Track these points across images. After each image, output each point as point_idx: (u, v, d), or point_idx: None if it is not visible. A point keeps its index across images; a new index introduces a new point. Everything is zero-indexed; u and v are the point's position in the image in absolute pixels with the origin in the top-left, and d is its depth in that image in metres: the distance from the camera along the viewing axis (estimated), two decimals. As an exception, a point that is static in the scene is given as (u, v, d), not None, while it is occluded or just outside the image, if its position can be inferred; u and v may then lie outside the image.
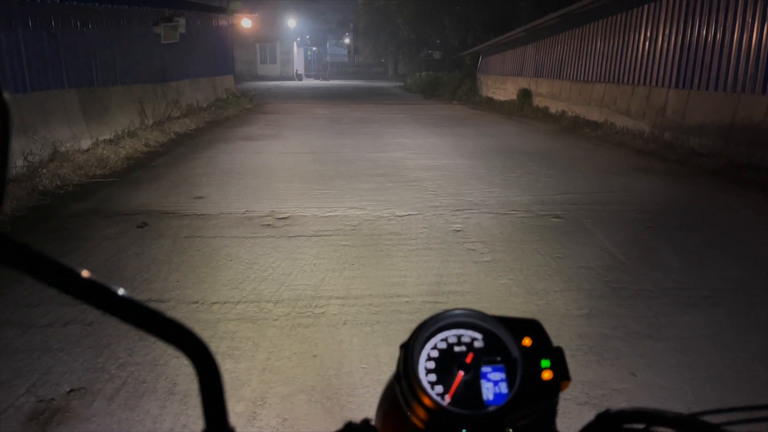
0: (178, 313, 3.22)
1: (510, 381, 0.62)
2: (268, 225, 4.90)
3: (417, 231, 4.75)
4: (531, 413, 0.60)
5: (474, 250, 4.31)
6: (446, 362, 0.64)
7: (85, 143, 8.13)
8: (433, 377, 0.63)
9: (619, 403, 2.49)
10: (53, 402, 2.42)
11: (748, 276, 3.88)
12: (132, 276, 3.77)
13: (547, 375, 0.61)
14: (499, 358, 0.64)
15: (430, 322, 0.66)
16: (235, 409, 2.38)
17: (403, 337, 0.67)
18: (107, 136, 8.72)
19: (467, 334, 0.66)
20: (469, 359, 0.63)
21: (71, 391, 2.50)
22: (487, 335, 0.66)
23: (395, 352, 0.65)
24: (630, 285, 3.71)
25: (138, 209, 5.38)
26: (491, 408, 0.60)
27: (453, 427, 0.59)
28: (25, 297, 3.43)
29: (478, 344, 0.65)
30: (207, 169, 7.29)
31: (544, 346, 0.64)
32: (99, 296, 0.39)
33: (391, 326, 3.06)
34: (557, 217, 5.20)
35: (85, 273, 0.36)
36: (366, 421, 0.57)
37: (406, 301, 3.38)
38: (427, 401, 0.59)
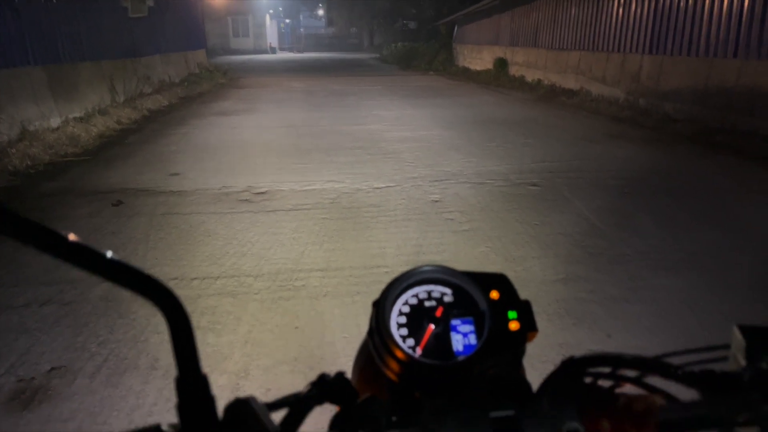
0: (158, 290, 3.21)
1: (478, 333, 0.64)
2: (246, 200, 4.87)
3: (395, 203, 4.76)
4: (499, 362, 0.62)
5: (452, 219, 4.34)
6: (417, 317, 0.65)
7: (55, 122, 7.94)
8: (404, 331, 0.64)
9: (595, 364, 2.56)
10: (34, 381, 2.41)
11: (723, 239, 3.97)
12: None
13: (514, 326, 0.63)
14: (466, 311, 0.65)
15: (401, 279, 0.67)
16: (218, 382, 2.39)
17: None
18: (77, 114, 8.53)
19: (437, 290, 0.68)
20: (438, 313, 0.65)
21: (52, 369, 2.48)
22: (456, 290, 0.68)
23: (375, 320, 0.67)
24: (607, 250, 3.78)
25: (112, 187, 5.30)
26: (461, 358, 0.61)
27: (425, 378, 0.61)
28: (1, 277, 3.38)
29: (447, 299, 0.67)
30: (182, 146, 7.18)
31: (511, 298, 0.66)
32: (67, 251, 0.38)
33: (371, 296, 3.04)
34: (535, 185, 5.24)
35: (53, 230, 0.36)
36: (340, 374, 0.58)
37: (386, 272, 3.40)
38: (399, 354, 0.61)
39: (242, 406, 0.45)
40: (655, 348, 2.30)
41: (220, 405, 0.46)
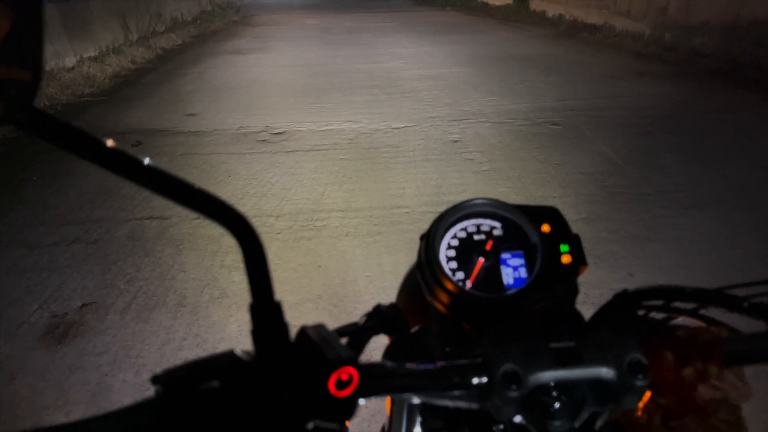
0: (182, 229, 3.25)
1: (529, 266, 0.63)
2: (264, 140, 4.85)
3: (414, 143, 4.71)
4: (550, 296, 0.61)
5: (472, 160, 4.30)
6: (467, 250, 0.65)
7: (70, 61, 7.88)
8: (454, 265, 0.64)
9: (616, 302, 2.57)
10: (67, 317, 2.49)
11: (746, 177, 3.90)
12: (131, 194, 3.76)
13: (566, 259, 0.62)
14: (518, 244, 0.65)
15: (450, 213, 0.67)
16: (246, 319, 2.44)
17: (405, 246, 0.68)
18: (91, 54, 8.45)
19: (486, 223, 0.67)
20: (488, 246, 0.64)
21: (83, 306, 2.56)
22: (507, 223, 0.67)
23: (398, 261, 0.67)
24: (628, 189, 3.74)
25: (130, 128, 5.30)
26: (511, 291, 0.61)
27: (475, 310, 0.61)
28: (27, 218, 3.44)
29: (497, 232, 0.66)
30: (197, 85, 7.12)
31: (562, 232, 0.65)
32: (140, 173, 0.38)
33: (392, 236, 3.10)
34: (555, 124, 5.15)
35: (110, 143, 0.36)
36: (393, 305, 0.59)
37: (406, 212, 3.41)
38: (449, 286, 0.60)
39: (312, 332, 0.46)
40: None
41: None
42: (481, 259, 0.63)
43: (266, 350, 0.43)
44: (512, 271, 0.63)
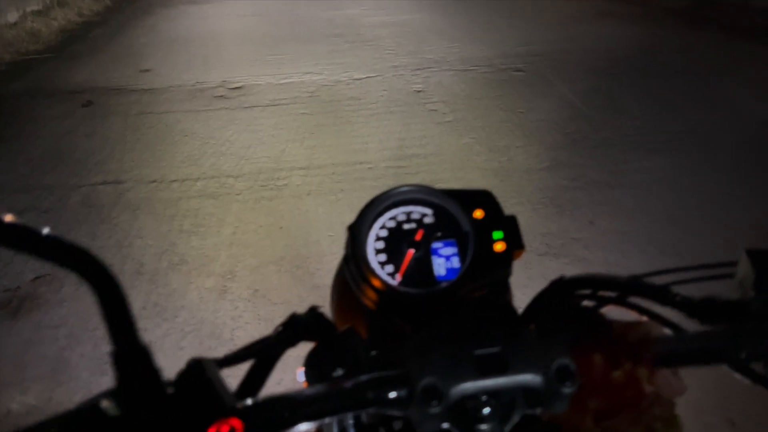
0: (138, 194, 3.16)
1: (462, 255, 0.60)
2: (222, 96, 4.69)
3: (377, 94, 4.61)
4: (484, 285, 0.59)
5: (436, 110, 4.23)
6: (396, 241, 0.61)
7: (12, 16, 7.45)
8: (383, 257, 0.60)
9: (576, 251, 2.60)
10: (20, 290, 2.42)
11: (707, 119, 3.93)
12: (84, 158, 3.63)
13: (499, 246, 0.59)
14: (449, 233, 0.62)
15: (377, 201, 0.63)
16: (206, 285, 2.42)
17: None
18: (35, 7, 7.99)
19: (417, 211, 0.63)
20: (419, 236, 0.61)
21: (36, 278, 2.48)
22: (438, 210, 0.63)
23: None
24: (591, 135, 3.73)
25: (81, 86, 5.06)
26: (443, 284, 0.58)
27: (405, 306, 0.58)
28: (-27, 188, 3.30)
29: (428, 220, 0.63)
30: (150, 39, 6.81)
31: (496, 216, 0.61)
32: None
33: (355, 193, 3.06)
34: (519, 70, 5.08)
35: None
36: (312, 309, 0.55)
37: (369, 168, 3.36)
38: (376, 282, 0.57)
39: (195, 372, 0.42)
40: (638, 232, 2.30)
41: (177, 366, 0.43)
42: (411, 251, 0.60)
43: (134, 403, 0.39)
44: (444, 261, 0.60)
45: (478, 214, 0.61)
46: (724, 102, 4.26)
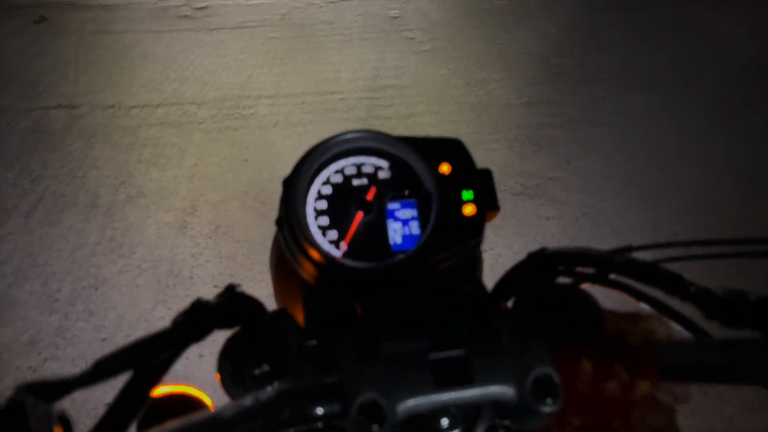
0: (94, 120, 2.96)
1: (423, 219, 0.49)
2: (186, 16, 4.38)
3: (351, 19, 4.35)
4: (450, 257, 0.48)
5: (413, 39, 4.02)
6: (342, 200, 0.50)
7: None
8: (324, 220, 0.49)
9: (552, 191, 2.53)
10: (-36, 223, 2.27)
11: (691, 54, 3.80)
12: (36, 79, 3.38)
13: (469, 210, 0.48)
14: (408, 192, 0.51)
15: (320, 149, 0.51)
16: (165, 219, 2.30)
17: None
18: None
19: (369, 163, 0.51)
20: (370, 195, 0.50)
21: (-18, 210, 2.33)
22: (395, 163, 0.51)
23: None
24: (572, 70, 3.59)
25: (32, 1, 4.68)
26: (399, 256, 0.47)
27: (350, 283, 0.47)
28: None
29: (383, 175, 0.51)
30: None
31: (466, 172, 0.50)
32: None
33: (325, 125, 2.91)
34: (502, -2, 4.84)
35: None
36: (231, 288, 0.45)
37: (341, 98, 3.19)
38: (314, 254, 0.46)
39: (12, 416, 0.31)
40: (615, 173, 2.21)
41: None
42: (360, 213, 0.49)
43: None
44: (401, 226, 0.49)
45: (445, 168, 0.50)
46: (709, 37, 4.12)
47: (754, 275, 2.10)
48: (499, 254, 2.24)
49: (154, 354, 0.38)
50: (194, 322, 0.40)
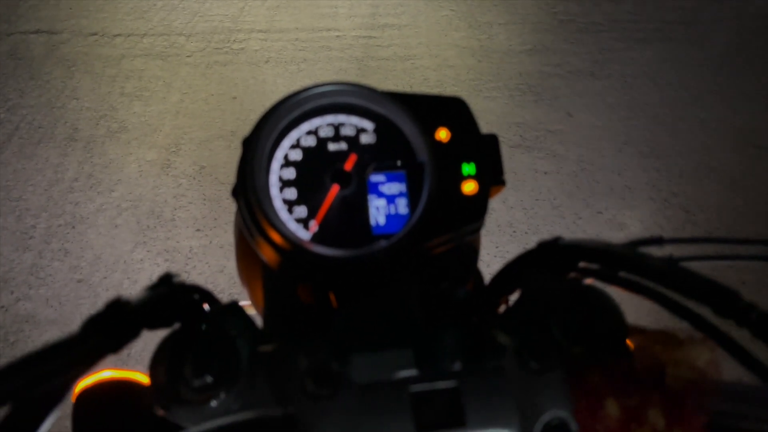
0: (74, 47, 2.80)
1: (413, 197, 0.40)
2: (176, -60, 4.14)
3: (352, -50, 4.13)
4: (443, 243, 0.40)
5: (415, -25, 3.82)
6: (314, 169, 0.40)
7: None
8: (291, 193, 0.40)
9: (551, 145, 2.45)
10: (-65, 151, 2.16)
11: (701, 6, 3.64)
12: (16, 1, 3.19)
13: (469, 187, 0.40)
14: (396, 162, 0.41)
15: (290, 103, 0.41)
16: (147, 157, 2.20)
17: (333, 78, 0.44)
18: None
19: (350, 123, 0.42)
20: (349, 164, 0.41)
21: (-46, 139, 2.22)
22: (382, 125, 0.42)
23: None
24: (579, 17, 3.43)
25: None
26: (381, 242, 0.38)
27: (320, 274, 0.38)
28: None
29: (366, 139, 0.41)
30: None
31: (468, 140, 0.41)
32: None
33: (318, 64, 2.77)
34: (511, -64, 4.59)
35: None
36: (167, 278, 0.36)
37: (337, 36, 3.03)
38: (275, 236, 0.37)
39: None
40: (616, 128, 2.09)
41: None
42: (336, 186, 0.40)
43: None
44: (385, 204, 0.40)
45: (443, 134, 0.41)
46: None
47: None
48: (493, 209, 2.17)
49: (45, 378, 0.27)
50: (110, 328, 0.30)
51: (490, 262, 1.99)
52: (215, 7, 3.26)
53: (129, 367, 0.45)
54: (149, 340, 0.33)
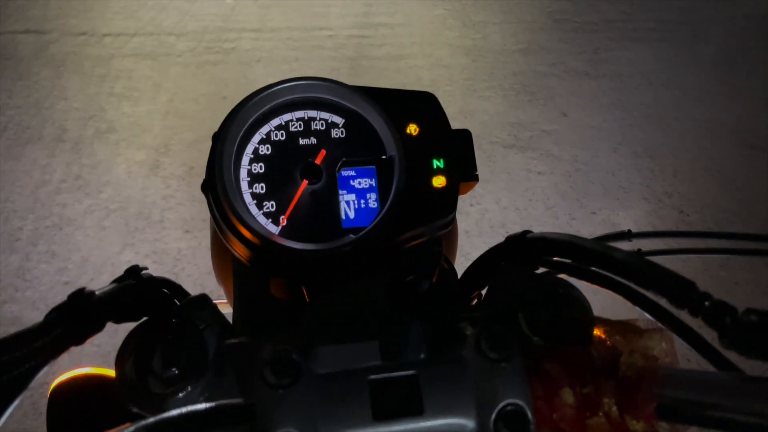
0: (63, 46, 2.77)
1: (382, 191, 0.40)
2: (168, -62, 4.11)
3: (345, -51, 4.11)
4: (413, 238, 0.40)
5: (409, -27, 3.80)
6: (283, 164, 0.40)
7: None
8: (260, 188, 0.40)
9: (545, 145, 2.43)
10: None
11: (697, 6, 3.63)
12: (4, 1, 3.16)
13: (439, 180, 0.39)
14: (366, 156, 0.41)
15: (260, 98, 0.41)
16: (136, 158, 2.18)
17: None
18: None
19: (320, 118, 0.41)
20: (319, 158, 0.41)
21: (-60, 140, 2.19)
22: (352, 120, 0.41)
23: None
24: (574, 17, 3.42)
25: None
26: (350, 236, 0.38)
27: (290, 267, 0.39)
28: None
29: (336, 134, 0.41)
30: None
31: (438, 135, 0.41)
32: None
33: (311, 64, 2.75)
34: (505, -65, 4.58)
35: None
36: (134, 270, 0.36)
37: (329, 35, 3.01)
38: (244, 231, 0.37)
39: None
40: (611, 128, 2.08)
41: None
42: (305, 181, 0.40)
43: None
44: (355, 198, 0.40)
45: (413, 129, 0.41)
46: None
47: None
48: (485, 209, 2.16)
49: (6, 368, 0.29)
50: (73, 318, 0.31)
51: (483, 264, 1.97)
52: (206, 6, 3.23)
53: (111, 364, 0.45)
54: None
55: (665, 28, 3.37)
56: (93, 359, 0.70)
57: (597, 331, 0.33)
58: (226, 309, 0.43)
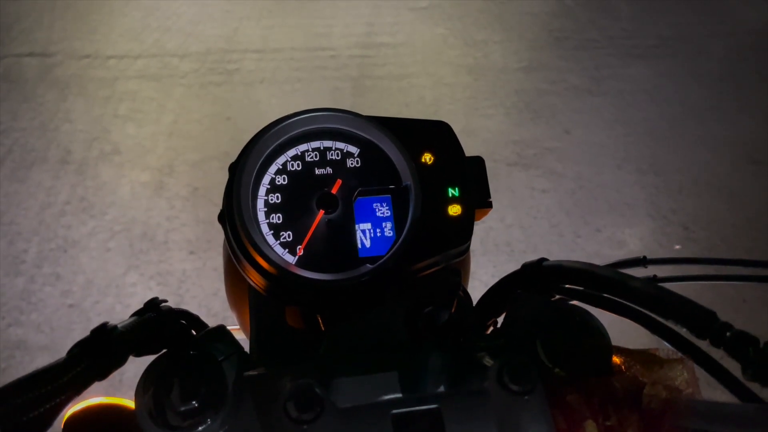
0: (68, 70, 2.80)
1: (398, 220, 0.40)
2: (171, -39, 4.16)
3: (346, -30, 4.15)
4: (430, 267, 0.40)
5: (410, -7, 3.84)
6: (300, 194, 0.40)
7: None
8: (277, 218, 0.40)
9: (548, 162, 2.43)
10: (-75, 176, 2.14)
11: (698, 22, 3.66)
12: (9, 24, 3.19)
13: (454, 210, 0.39)
14: (382, 186, 0.41)
15: (276, 129, 0.41)
16: (140, 179, 2.18)
17: (328, 97, 0.44)
18: None
19: (336, 148, 0.42)
20: (336, 188, 0.41)
21: (-55, 163, 2.20)
22: (367, 149, 0.41)
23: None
24: (575, 34, 3.45)
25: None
26: (367, 265, 0.38)
27: (307, 298, 0.39)
28: None
29: (352, 164, 0.41)
30: None
31: (453, 163, 0.41)
32: None
33: (314, 84, 2.77)
34: (504, -46, 4.63)
35: None
36: (152, 303, 0.37)
37: (332, 56, 3.03)
38: (262, 261, 0.37)
39: None
40: (614, 145, 2.08)
41: None
42: (321, 211, 0.40)
43: None
44: (371, 227, 0.40)
45: (428, 158, 0.41)
46: (719, 6, 3.97)
47: None
48: (490, 227, 2.15)
49: (33, 405, 0.29)
50: (96, 353, 0.31)
51: (488, 282, 1.96)
52: (209, 27, 3.26)
53: (121, 394, 0.45)
54: (142, 366, 0.33)
55: (666, 44, 3.39)
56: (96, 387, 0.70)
57: (616, 360, 0.33)
58: (240, 335, 0.43)
